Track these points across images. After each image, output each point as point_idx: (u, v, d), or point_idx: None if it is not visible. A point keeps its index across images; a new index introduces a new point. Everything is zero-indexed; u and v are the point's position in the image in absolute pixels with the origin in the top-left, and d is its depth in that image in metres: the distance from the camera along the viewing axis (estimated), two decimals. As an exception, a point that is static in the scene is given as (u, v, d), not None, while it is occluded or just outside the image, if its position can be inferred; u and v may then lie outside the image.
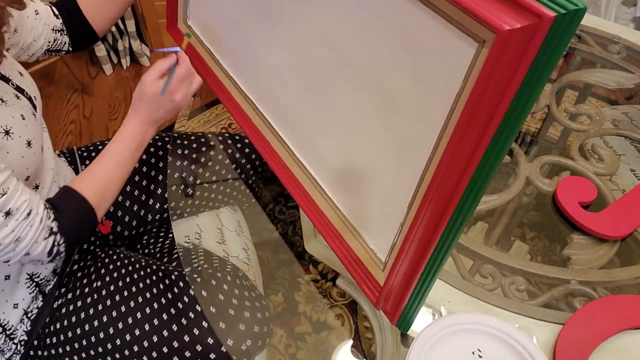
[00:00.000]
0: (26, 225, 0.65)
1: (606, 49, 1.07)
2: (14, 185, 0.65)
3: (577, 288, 0.69)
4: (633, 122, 1.04)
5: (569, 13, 0.34)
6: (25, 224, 0.65)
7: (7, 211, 0.63)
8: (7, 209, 0.63)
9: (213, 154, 1.01)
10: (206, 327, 0.77)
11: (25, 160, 0.70)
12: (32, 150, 0.71)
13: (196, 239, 0.96)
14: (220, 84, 0.86)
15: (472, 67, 0.40)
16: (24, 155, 0.70)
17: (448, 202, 0.46)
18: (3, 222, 0.63)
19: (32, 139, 0.71)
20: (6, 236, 0.64)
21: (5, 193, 0.63)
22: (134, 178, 0.96)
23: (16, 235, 0.65)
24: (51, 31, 0.83)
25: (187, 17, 0.93)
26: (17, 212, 0.64)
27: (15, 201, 0.64)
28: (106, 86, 2.06)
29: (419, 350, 0.59)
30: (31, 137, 0.71)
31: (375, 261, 0.62)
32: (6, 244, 0.64)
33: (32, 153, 0.71)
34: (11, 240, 0.64)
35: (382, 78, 0.52)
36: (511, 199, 0.80)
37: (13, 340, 0.79)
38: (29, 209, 0.66)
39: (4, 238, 0.64)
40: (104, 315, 0.79)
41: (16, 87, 0.74)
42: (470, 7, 0.37)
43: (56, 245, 0.69)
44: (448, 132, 0.44)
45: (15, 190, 0.65)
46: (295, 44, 0.65)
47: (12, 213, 0.64)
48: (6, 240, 0.64)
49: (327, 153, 0.66)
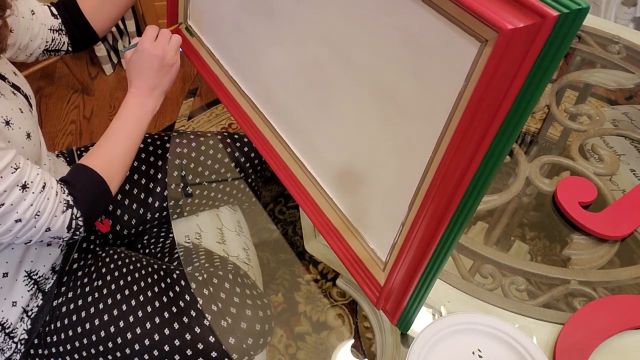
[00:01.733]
0: (43, 198, 0.66)
1: (606, 49, 1.07)
2: (24, 161, 0.65)
3: (577, 288, 0.69)
4: (633, 122, 1.04)
5: (572, 12, 0.34)
6: (42, 197, 0.66)
7: (23, 184, 0.64)
8: (23, 182, 0.64)
9: (213, 153, 1.01)
10: (207, 326, 0.77)
11: (25, 151, 0.70)
12: (31, 142, 0.71)
13: (196, 239, 0.96)
14: (220, 83, 0.86)
15: (475, 67, 0.40)
16: (25, 146, 0.70)
17: (449, 202, 0.46)
18: (21, 195, 0.64)
19: (31, 131, 0.72)
20: (26, 210, 0.64)
21: (18, 167, 0.64)
22: (134, 177, 0.96)
23: (35, 209, 0.65)
24: (48, 31, 0.83)
25: (187, 17, 0.93)
26: (32, 185, 0.65)
27: (29, 174, 0.65)
28: (106, 86, 2.06)
29: (419, 350, 0.59)
30: (30, 130, 0.72)
31: (376, 261, 0.62)
32: (27, 219, 0.65)
33: (31, 145, 0.72)
34: (31, 215, 0.65)
35: (384, 77, 0.52)
36: (511, 199, 0.80)
37: (13, 339, 0.79)
38: (43, 182, 0.66)
39: (24, 212, 0.64)
40: (104, 314, 0.79)
41: (12, 84, 0.74)
42: (472, 6, 0.37)
43: (74, 219, 0.70)
44: (450, 131, 0.44)
45: (26, 164, 0.65)
46: (295, 43, 0.65)
47: (29, 186, 0.64)
48: (27, 215, 0.65)
49: (327, 153, 0.66)
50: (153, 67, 0.78)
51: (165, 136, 1.03)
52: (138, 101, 0.80)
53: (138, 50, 0.78)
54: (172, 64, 0.81)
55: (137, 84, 0.80)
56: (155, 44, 0.78)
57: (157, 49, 0.78)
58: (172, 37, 0.81)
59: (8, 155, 0.63)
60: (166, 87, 0.82)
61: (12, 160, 0.63)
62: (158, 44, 0.79)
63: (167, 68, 0.80)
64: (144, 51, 0.78)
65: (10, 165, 0.63)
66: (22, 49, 0.81)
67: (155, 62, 0.78)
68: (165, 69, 0.80)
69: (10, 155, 0.63)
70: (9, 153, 0.63)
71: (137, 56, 0.78)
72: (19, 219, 0.64)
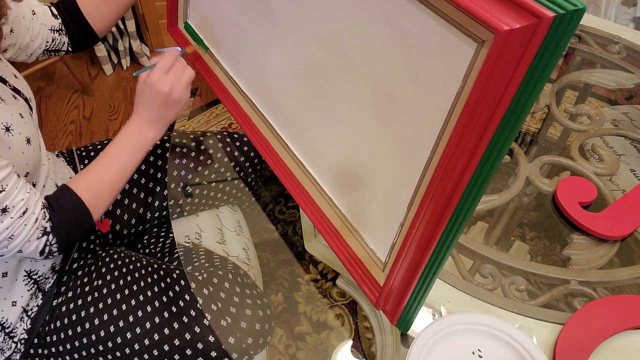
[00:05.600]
0: (20, 224, 0.66)
1: (606, 49, 1.07)
2: (13, 183, 0.65)
3: (577, 288, 0.69)
4: (633, 122, 1.04)
5: (568, 13, 0.34)
6: (19, 223, 0.65)
7: (3, 208, 0.64)
8: (4, 206, 0.64)
9: (213, 152, 1.01)
10: (207, 325, 0.77)
11: (25, 157, 0.70)
12: (31, 147, 0.72)
13: (196, 239, 0.96)
14: (220, 84, 0.86)
15: (472, 67, 0.40)
16: (24, 152, 0.70)
17: (448, 202, 0.46)
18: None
19: (31, 136, 0.72)
20: (0, 232, 0.64)
21: (3, 190, 0.63)
22: (134, 176, 0.96)
23: (10, 233, 0.65)
24: (49, 31, 0.83)
25: (187, 18, 0.93)
26: (12, 210, 0.65)
27: (12, 199, 0.65)
28: (106, 86, 2.06)
29: (419, 350, 0.59)
30: (30, 135, 0.72)
31: (375, 261, 0.62)
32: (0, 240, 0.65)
33: (31, 150, 0.72)
34: (5, 237, 0.65)
35: (382, 78, 0.52)
36: (511, 199, 0.80)
37: (13, 338, 0.79)
38: (25, 208, 0.66)
39: None
40: (104, 314, 0.79)
41: (13, 88, 0.74)
42: (469, 7, 0.37)
43: (48, 245, 0.70)
44: (447, 132, 0.44)
45: (13, 187, 0.65)
46: (295, 44, 0.65)
47: (8, 210, 0.64)
48: (0, 237, 0.65)
49: (326, 153, 0.66)
50: (157, 102, 0.76)
51: (166, 136, 1.03)
52: (138, 129, 0.78)
53: (146, 82, 0.76)
54: (180, 100, 0.78)
55: (141, 113, 0.78)
56: (164, 80, 0.75)
57: (164, 86, 0.75)
58: (184, 72, 0.78)
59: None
60: (170, 120, 0.80)
61: (0, 181, 0.63)
62: (167, 79, 0.75)
63: (173, 104, 0.78)
64: (151, 85, 0.75)
65: None
66: (22, 49, 0.81)
67: (161, 98, 0.76)
68: (171, 105, 0.77)
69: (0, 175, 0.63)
70: (0, 173, 0.63)
71: (144, 87, 0.76)
72: None
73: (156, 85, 0.75)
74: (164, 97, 0.76)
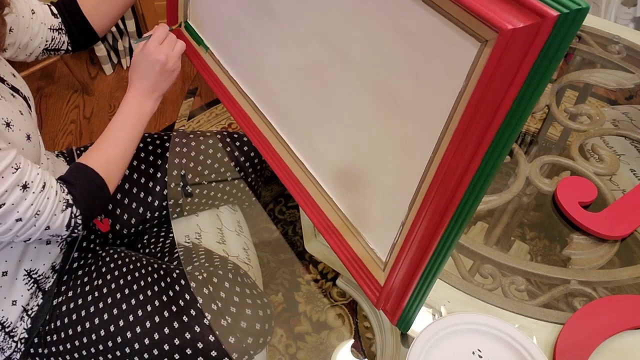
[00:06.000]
0: (43, 197, 0.67)
1: (606, 49, 1.07)
2: (24, 161, 0.66)
3: (577, 288, 0.69)
4: (633, 122, 1.04)
5: (571, 12, 0.34)
6: (42, 197, 0.66)
7: (23, 184, 0.65)
8: (24, 182, 0.65)
9: (213, 152, 1.01)
10: (207, 325, 0.77)
11: (25, 153, 0.70)
12: (31, 144, 0.72)
13: (196, 239, 0.96)
14: (220, 83, 0.86)
15: (475, 67, 0.40)
16: (24, 148, 0.70)
17: (449, 202, 0.46)
18: (21, 195, 0.64)
19: (30, 133, 0.72)
20: (26, 210, 0.65)
21: (18, 167, 0.64)
22: (133, 176, 0.96)
23: (36, 209, 0.66)
24: (48, 30, 0.83)
25: (187, 17, 0.93)
26: (33, 185, 0.66)
27: (29, 174, 0.66)
28: (106, 86, 2.06)
29: (419, 350, 0.59)
30: (30, 132, 0.72)
31: (376, 261, 0.62)
32: (27, 218, 0.66)
33: (31, 147, 0.72)
34: (32, 214, 0.66)
35: (384, 77, 0.52)
36: (511, 199, 0.80)
37: (13, 338, 0.79)
38: (43, 182, 0.67)
39: (24, 212, 0.65)
40: (104, 313, 0.79)
41: (11, 87, 0.74)
42: (472, 6, 0.37)
43: (73, 217, 0.71)
44: (450, 131, 0.44)
45: (26, 164, 0.66)
46: (295, 43, 0.65)
47: (29, 186, 0.65)
48: (27, 214, 0.65)
49: (327, 152, 0.66)
50: (154, 71, 0.80)
51: (165, 136, 1.03)
52: (137, 101, 0.81)
53: (142, 52, 0.79)
54: (174, 69, 0.82)
55: (137, 85, 0.81)
56: (160, 49, 0.79)
57: (160, 54, 0.79)
58: (177, 43, 0.82)
59: (9, 155, 0.63)
60: (164, 90, 0.83)
61: (12, 160, 0.64)
62: (162, 48, 0.80)
63: (167, 73, 0.81)
64: (148, 54, 0.79)
65: (11, 165, 0.63)
66: (22, 48, 0.81)
67: (157, 67, 0.79)
68: (166, 74, 0.81)
69: (11, 155, 0.64)
70: (10, 154, 0.64)
71: (141, 57, 0.80)
72: (19, 218, 0.65)
73: (153, 54, 0.79)
74: (160, 66, 0.80)
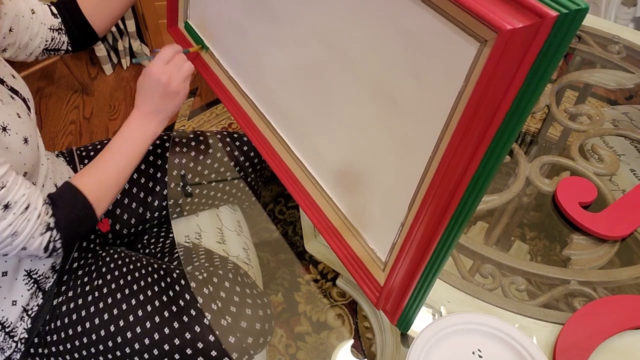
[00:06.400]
0: (23, 219, 0.65)
1: (606, 49, 1.07)
2: (12, 179, 0.65)
3: (577, 288, 0.69)
4: (633, 122, 1.04)
5: (571, 13, 0.34)
6: (22, 219, 0.65)
7: (5, 204, 0.63)
8: (6, 202, 0.64)
9: (213, 152, 1.01)
10: (207, 325, 0.77)
11: (23, 157, 0.70)
12: (29, 147, 0.71)
13: (196, 239, 0.96)
14: (220, 83, 0.86)
15: (474, 67, 0.40)
16: (22, 152, 0.70)
17: (449, 202, 0.46)
18: (1, 215, 0.63)
19: (28, 136, 0.71)
20: (4, 230, 0.64)
21: (4, 186, 0.63)
22: (133, 176, 0.96)
23: (13, 229, 0.65)
24: (48, 30, 0.83)
25: (188, 18, 0.93)
26: (15, 206, 0.64)
27: (14, 194, 0.64)
28: (106, 86, 2.06)
29: (419, 350, 0.59)
30: (27, 135, 0.71)
31: (376, 261, 0.62)
32: (4, 238, 0.64)
33: (29, 150, 0.71)
34: (8, 234, 0.65)
35: (383, 77, 0.52)
36: (511, 199, 0.80)
37: (13, 338, 0.79)
38: (27, 203, 0.66)
39: (2, 231, 0.64)
40: (104, 313, 0.79)
41: (10, 88, 0.74)
42: (471, 7, 0.37)
43: (52, 241, 0.69)
44: (449, 132, 0.44)
45: (14, 183, 0.65)
46: (295, 43, 0.65)
47: (10, 206, 0.64)
48: (4, 234, 0.64)
49: (327, 153, 0.66)
50: (157, 92, 0.77)
51: (165, 136, 1.03)
52: (139, 123, 0.78)
53: (145, 72, 0.77)
54: (178, 91, 0.78)
55: (141, 106, 0.78)
56: (163, 69, 0.76)
57: (163, 75, 0.76)
58: (184, 64, 0.79)
59: None
60: (170, 114, 0.80)
61: (0, 177, 0.63)
62: (166, 69, 0.76)
63: (171, 95, 0.78)
64: (150, 74, 0.76)
65: None
66: (21, 48, 0.81)
67: (160, 89, 0.76)
68: (169, 96, 0.78)
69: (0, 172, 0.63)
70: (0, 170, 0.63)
71: (143, 78, 0.77)
72: None
73: (155, 75, 0.76)
74: (162, 87, 0.76)
